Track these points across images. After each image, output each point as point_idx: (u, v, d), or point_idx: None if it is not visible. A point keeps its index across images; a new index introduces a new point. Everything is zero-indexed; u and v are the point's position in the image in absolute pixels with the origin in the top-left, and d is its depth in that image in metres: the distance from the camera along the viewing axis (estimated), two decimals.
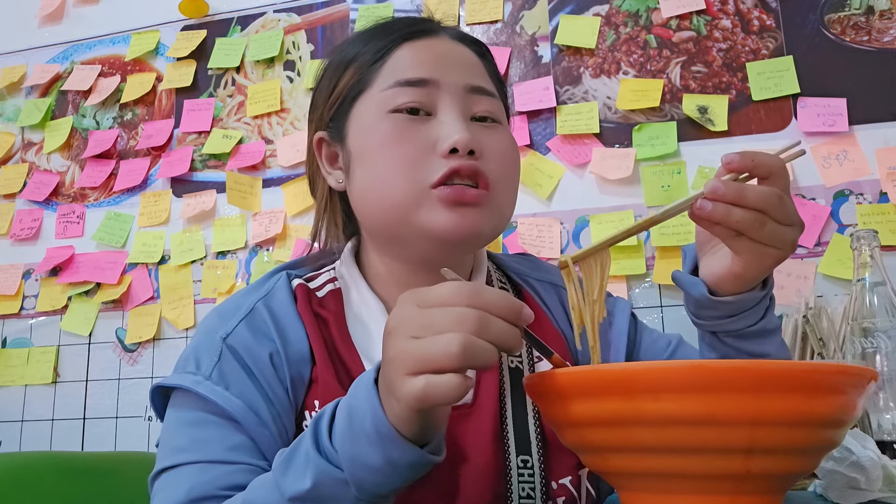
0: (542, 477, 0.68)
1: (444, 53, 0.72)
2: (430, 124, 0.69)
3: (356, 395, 0.51)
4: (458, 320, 0.45)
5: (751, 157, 0.57)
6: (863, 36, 1.51)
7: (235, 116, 1.87)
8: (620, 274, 1.50)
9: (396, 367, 0.46)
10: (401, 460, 0.49)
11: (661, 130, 1.56)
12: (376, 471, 0.49)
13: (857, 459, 0.60)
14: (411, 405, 0.46)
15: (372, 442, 0.49)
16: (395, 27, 0.74)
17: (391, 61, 0.71)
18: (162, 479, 0.64)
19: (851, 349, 0.98)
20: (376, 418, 0.48)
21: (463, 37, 0.77)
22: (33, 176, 1.97)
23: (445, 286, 0.47)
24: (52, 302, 1.83)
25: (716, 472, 0.43)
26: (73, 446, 1.75)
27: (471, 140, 0.67)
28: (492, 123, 0.72)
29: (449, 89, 0.70)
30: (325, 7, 1.86)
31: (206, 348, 0.69)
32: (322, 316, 0.73)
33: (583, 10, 1.68)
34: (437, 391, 0.45)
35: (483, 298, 0.46)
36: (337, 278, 0.77)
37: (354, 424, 0.50)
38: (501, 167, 0.71)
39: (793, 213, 0.59)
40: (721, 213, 0.57)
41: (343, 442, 0.50)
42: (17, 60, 2.07)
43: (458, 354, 0.44)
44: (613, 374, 0.45)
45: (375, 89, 0.71)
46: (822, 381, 0.43)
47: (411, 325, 0.47)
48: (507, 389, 0.71)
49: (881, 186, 1.43)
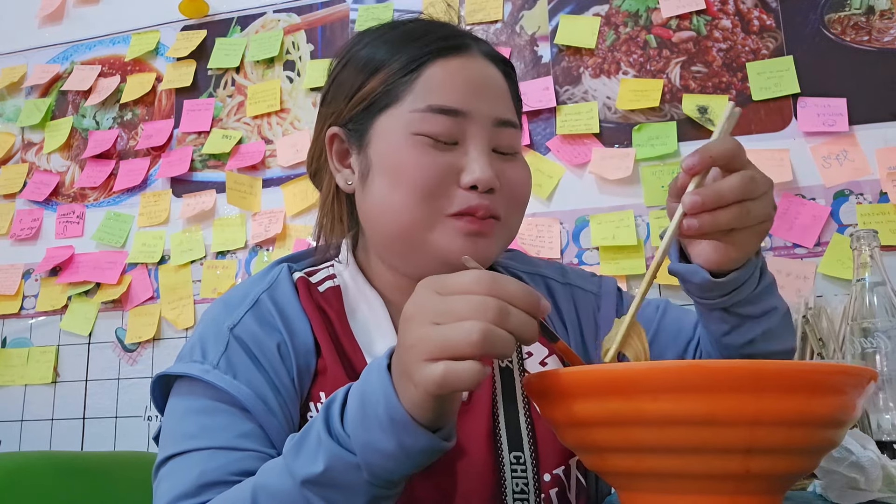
0: (534, 472, 0.70)
1: (476, 79, 0.72)
2: (455, 152, 0.70)
3: (368, 381, 0.51)
4: (479, 308, 0.46)
5: (707, 153, 0.57)
6: (863, 36, 1.51)
7: (235, 116, 1.87)
8: (620, 274, 1.51)
9: (416, 353, 0.47)
10: (414, 446, 0.49)
11: (660, 130, 1.56)
12: (389, 457, 0.49)
13: (857, 459, 0.60)
14: (430, 390, 0.46)
15: (385, 428, 0.49)
16: (428, 38, 0.73)
17: (424, 78, 0.71)
18: (169, 466, 0.64)
19: (851, 349, 0.98)
20: (390, 405, 0.49)
21: (493, 55, 0.77)
22: (33, 176, 1.97)
23: (466, 274, 0.48)
24: (52, 302, 1.84)
25: (716, 472, 0.43)
26: (73, 446, 1.75)
27: (492, 179, 0.68)
28: (511, 155, 0.74)
29: (479, 122, 0.70)
30: (325, 7, 1.86)
31: (212, 338, 0.69)
32: (324, 309, 0.73)
33: (583, 10, 1.68)
34: (456, 377, 0.45)
35: (504, 288, 0.47)
36: (336, 275, 0.78)
37: (367, 410, 0.50)
38: (516, 198, 0.74)
39: (764, 181, 0.60)
40: (709, 223, 0.57)
41: (356, 427, 0.50)
42: (17, 60, 2.07)
43: (479, 342, 0.45)
44: (613, 374, 0.45)
45: (405, 107, 0.70)
46: (822, 381, 0.43)
47: (432, 312, 0.47)
48: (498, 389, 0.74)
49: (881, 186, 1.43)
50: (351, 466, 0.50)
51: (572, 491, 0.72)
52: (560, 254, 1.55)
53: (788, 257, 1.44)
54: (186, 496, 0.60)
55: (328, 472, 0.51)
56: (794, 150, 1.49)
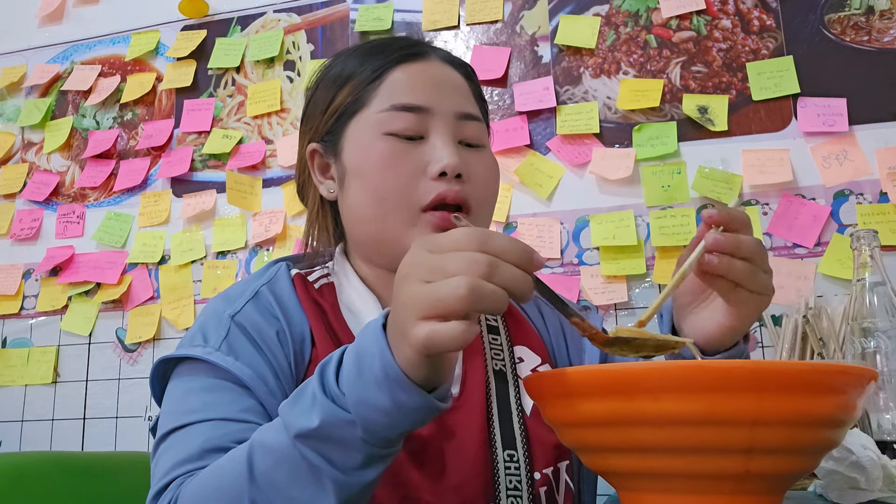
0: (527, 470, 0.72)
1: (437, 79, 0.77)
2: (422, 147, 0.74)
3: (364, 340, 0.52)
4: (467, 264, 0.46)
5: (727, 211, 0.61)
6: (863, 36, 1.51)
7: (235, 116, 1.87)
8: (620, 274, 1.51)
9: (407, 311, 0.48)
10: (408, 404, 0.50)
11: (661, 130, 1.56)
12: (384, 412, 0.50)
13: (857, 459, 0.60)
14: (419, 350, 0.47)
15: (380, 385, 0.49)
16: (391, 48, 0.79)
17: (387, 83, 0.76)
18: (171, 439, 0.65)
19: (851, 349, 0.98)
20: (385, 362, 0.49)
21: (452, 59, 0.82)
22: (33, 176, 1.97)
23: (456, 232, 0.48)
24: (52, 302, 1.83)
25: (716, 472, 0.43)
26: (73, 446, 1.75)
27: (458, 164, 0.72)
28: (477, 147, 0.78)
29: (441, 116, 0.75)
30: (325, 7, 1.86)
31: (213, 325, 0.71)
32: (319, 303, 0.76)
33: (583, 10, 1.68)
34: (440, 337, 0.46)
35: (494, 243, 0.47)
36: (330, 273, 0.81)
37: (363, 367, 0.50)
38: (484, 190, 0.77)
39: (768, 262, 0.64)
40: (725, 265, 0.60)
41: (351, 384, 0.51)
42: (17, 60, 2.07)
43: (466, 296, 0.45)
44: (613, 374, 0.45)
45: (372, 109, 0.75)
46: (822, 381, 0.43)
47: (423, 269, 0.48)
48: (492, 389, 0.76)
49: (881, 186, 1.43)
50: (345, 423, 0.51)
51: (560, 492, 0.74)
52: (560, 254, 1.55)
53: (788, 257, 1.45)
54: (189, 461, 0.61)
55: (323, 428, 0.51)
56: (794, 150, 1.49)
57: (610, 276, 1.52)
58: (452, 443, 0.70)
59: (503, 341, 0.81)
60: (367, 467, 0.52)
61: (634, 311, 1.50)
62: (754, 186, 1.48)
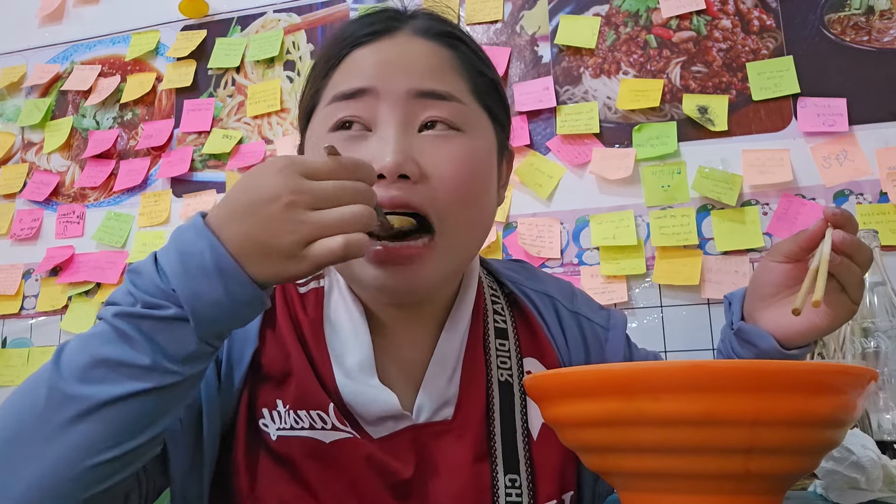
0: (530, 496, 0.65)
1: (390, 57, 0.64)
2: (366, 143, 0.62)
3: (183, 240, 0.51)
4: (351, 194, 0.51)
5: (848, 214, 0.63)
6: (863, 36, 1.51)
7: (235, 116, 1.87)
8: (620, 274, 1.51)
9: (301, 234, 0.49)
10: (241, 295, 0.50)
11: (661, 130, 1.56)
12: (216, 305, 0.50)
13: (857, 459, 0.60)
14: (321, 263, 0.50)
15: (211, 277, 0.50)
16: (348, 31, 0.67)
17: (337, 72, 0.65)
18: None
19: (851, 349, 0.98)
20: (217, 255, 0.50)
21: (427, 29, 0.67)
22: (33, 176, 1.97)
23: (327, 163, 0.51)
24: (53, 302, 1.83)
25: (716, 472, 0.43)
26: None
27: (399, 162, 0.59)
28: (446, 132, 0.62)
29: (388, 97, 0.62)
30: (325, 7, 1.86)
31: None
32: (297, 315, 0.70)
33: (583, 10, 1.68)
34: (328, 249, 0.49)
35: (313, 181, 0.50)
36: (324, 275, 0.74)
37: (190, 263, 0.50)
38: (453, 188, 0.61)
39: None
40: (845, 266, 0.61)
41: (179, 280, 0.50)
42: (17, 60, 2.07)
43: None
44: (613, 374, 0.45)
45: (322, 104, 0.66)
46: (822, 381, 0.43)
47: (307, 198, 0.50)
48: (495, 404, 0.68)
49: (881, 186, 1.43)
50: (176, 320, 0.50)
51: None
52: (560, 254, 1.55)
53: None
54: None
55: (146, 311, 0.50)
56: (794, 150, 1.48)
57: (610, 276, 1.52)
58: (435, 471, 0.64)
59: (511, 349, 0.73)
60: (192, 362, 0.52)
61: (634, 311, 1.50)
62: (754, 186, 1.48)
